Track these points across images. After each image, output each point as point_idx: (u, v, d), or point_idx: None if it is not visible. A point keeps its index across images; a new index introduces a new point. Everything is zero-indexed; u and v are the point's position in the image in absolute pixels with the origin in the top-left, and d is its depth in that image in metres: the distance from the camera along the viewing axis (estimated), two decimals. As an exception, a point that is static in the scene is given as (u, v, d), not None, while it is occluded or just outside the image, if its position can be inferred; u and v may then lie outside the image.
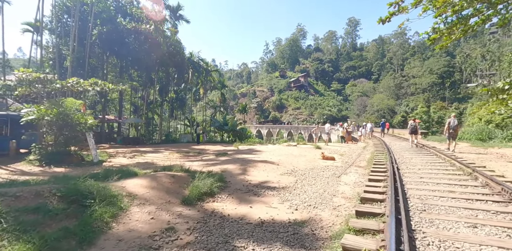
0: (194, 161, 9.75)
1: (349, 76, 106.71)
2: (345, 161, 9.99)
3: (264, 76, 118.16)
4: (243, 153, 12.29)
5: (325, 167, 8.47)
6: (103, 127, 28.51)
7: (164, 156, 12.02)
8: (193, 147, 17.55)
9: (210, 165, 8.38)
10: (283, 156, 10.51)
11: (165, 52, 23.29)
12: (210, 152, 13.78)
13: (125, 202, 4.00)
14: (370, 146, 15.01)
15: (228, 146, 17.84)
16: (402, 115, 67.05)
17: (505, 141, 14.79)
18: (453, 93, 74.55)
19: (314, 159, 10.28)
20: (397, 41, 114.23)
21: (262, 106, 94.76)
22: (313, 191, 5.41)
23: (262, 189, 5.62)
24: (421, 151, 10.84)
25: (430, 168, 6.90)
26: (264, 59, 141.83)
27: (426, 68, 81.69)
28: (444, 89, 74.71)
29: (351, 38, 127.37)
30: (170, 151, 14.74)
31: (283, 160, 9.47)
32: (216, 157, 10.73)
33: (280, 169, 7.79)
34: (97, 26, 21.30)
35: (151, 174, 5.49)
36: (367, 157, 10.82)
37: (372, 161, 8.92)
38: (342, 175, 7.06)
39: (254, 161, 8.88)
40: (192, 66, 29.56)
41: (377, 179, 5.57)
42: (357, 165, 8.72)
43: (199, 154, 12.63)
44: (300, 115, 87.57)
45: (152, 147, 18.00)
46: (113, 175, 5.11)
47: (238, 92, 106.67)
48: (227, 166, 8.01)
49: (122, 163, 9.91)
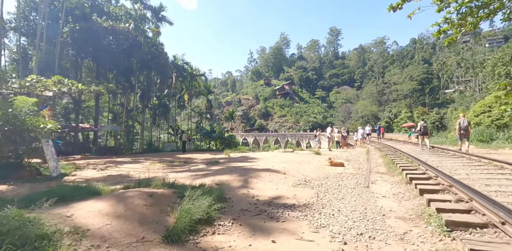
0: (180, 172, 8.02)
1: (332, 83, 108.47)
2: (357, 167, 8.63)
3: (249, 85, 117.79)
4: (237, 160, 10.66)
5: (340, 175, 7.04)
6: (76, 136, 25.87)
7: (143, 167, 10.15)
8: (178, 155, 15.66)
9: (200, 176, 6.71)
10: (285, 163, 9.00)
11: (146, 54, 21.51)
12: (198, 161, 12.02)
13: (65, 247, 2.31)
14: (373, 151, 13.86)
15: (218, 154, 16.11)
16: (386, 121, 68.00)
17: (508, 141, 14.17)
18: (432, 99, 77.01)
19: (321, 166, 8.85)
20: (377, 50, 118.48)
21: (247, 114, 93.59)
22: (350, 209, 3.91)
23: (278, 208, 4.06)
24: (440, 153, 9.69)
25: (480, 172, 5.51)
26: (249, 68, 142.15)
27: (406, 75, 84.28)
28: (424, 95, 77.02)
29: (333, 47, 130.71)
30: (152, 161, 12.83)
31: (288, 167, 7.96)
32: (207, 166, 9.02)
33: (289, 179, 6.26)
34: (69, 23, 19.29)
35: (118, 193, 3.76)
36: (380, 161, 9.54)
37: (392, 166, 7.62)
38: (370, 184, 5.63)
39: (254, 170, 7.30)
40: (176, 70, 27.78)
41: (432, 189, 4.17)
42: (376, 172, 7.36)
43: (185, 163, 10.86)
44: (286, 122, 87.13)
45: (131, 157, 15.93)
46: (73, 194, 3.36)
47: (223, 101, 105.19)
48: (222, 177, 6.38)
49: (89, 176, 7.98)
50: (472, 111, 26.44)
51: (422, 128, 12.94)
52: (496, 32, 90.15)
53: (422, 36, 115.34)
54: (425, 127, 13.11)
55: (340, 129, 19.84)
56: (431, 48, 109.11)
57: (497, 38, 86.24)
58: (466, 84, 74.07)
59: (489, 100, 24.73)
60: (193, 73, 31.03)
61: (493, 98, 24.45)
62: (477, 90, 64.56)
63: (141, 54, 21.11)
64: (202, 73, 32.10)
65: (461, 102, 53.10)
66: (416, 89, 78.23)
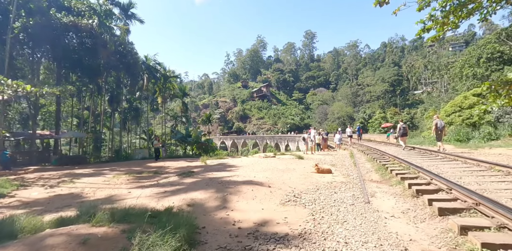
0: (146, 187, 6.79)
1: (309, 85, 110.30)
2: (345, 174, 7.94)
3: (226, 87, 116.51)
4: (214, 169, 9.57)
5: (331, 185, 6.25)
6: (34, 144, 23.13)
7: (104, 181, 8.73)
8: (149, 164, 14.16)
9: (169, 194, 5.58)
10: (268, 172, 8.09)
11: (113, 53, 19.66)
12: (171, 171, 10.74)
13: None
14: (358, 154, 13.39)
15: (194, 161, 14.84)
16: (360, 122, 69.91)
17: (484, 141, 14.42)
18: (403, 99, 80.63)
19: (307, 174, 8.05)
20: (350, 53, 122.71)
21: (225, 117, 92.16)
22: (360, 239, 3.05)
23: (267, 242, 3.09)
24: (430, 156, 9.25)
25: (491, 181, 4.71)
26: (226, 70, 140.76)
27: (378, 77, 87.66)
28: (395, 96, 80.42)
29: (308, 50, 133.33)
30: (117, 172, 11.33)
31: (272, 178, 7.05)
32: (179, 178, 7.84)
33: (275, 194, 5.33)
34: (22, 18, 17.08)
35: (33, 240, 2.56)
36: (368, 166, 8.95)
37: (385, 172, 6.98)
38: (370, 198, 4.86)
39: (234, 183, 6.29)
40: (147, 71, 25.98)
41: (453, 207, 3.42)
42: (369, 180, 6.67)
43: (155, 175, 9.55)
44: (264, 125, 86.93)
45: (95, 168, 14.17)
46: None
47: (200, 104, 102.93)
48: (196, 194, 5.31)
49: (31, 198, 6.49)
50: (444, 111, 27.43)
51: (402, 129, 12.94)
52: (458, 37, 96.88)
53: (391, 40, 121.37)
54: (405, 128, 13.09)
55: (319, 130, 19.37)
56: (400, 52, 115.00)
57: (459, 42, 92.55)
58: (433, 85, 78.61)
59: (459, 100, 25.76)
60: (166, 75, 29.32)
61: (462, 99, 25.50)
62: (443, 91, 68.62)
63: (107, 53, 19.24)
64: (176, 75, 30.46)
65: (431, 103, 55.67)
66: (388, 90, 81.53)
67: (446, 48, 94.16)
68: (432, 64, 78.69)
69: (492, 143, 13.72)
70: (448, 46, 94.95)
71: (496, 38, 27.07)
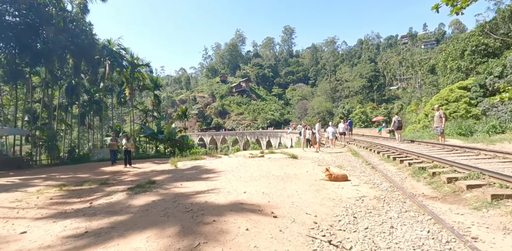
0: (65, 217, 4.04)
1: (288, 81, 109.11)
2: (369, 181, 5.74)
3: (204, 82, 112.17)
4: (185, 177, 6.95)
5: (367, 206, 3.97)
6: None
7: (16, 200, 5.77)
8: (103, 169, 11.13)
9: (88, 243, 2.94)
10: (262, 182, 5.66)
11: (61, 31, 15.94)
12: (126, 179, 7.93)
13: None
14: (361, 150, 11.36)
15: (163, 163, 12.02)
16: (340, 117, 69.85)
17: (488, 134, 13.11)
18: (380, 95, 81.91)
19: (316, 182, 5.75)
20: (328, 49, 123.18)
21: (203, 112, 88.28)
22: None
23: None
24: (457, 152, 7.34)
25: None
26: (204, 65, 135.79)
27: (356, 73, 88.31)
28: (372, 92, 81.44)
29: (287, 45, 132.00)
30: (52, 181, 8.31)
31: (271, 193, 4.63)
32: (128, 197, 5.12)
33: (290, 235, 2.90)
34: None
35: None
36: (392, 169, 6.82)
37: (434, 180, 4.83)
38: (464, 234, 2.59)
39: (213, 209, 3.76)
40: (110, 57, 22.26)
41: None
42: (420, 194, 4.47)
43: (99, 187, 6.72)
44: (244, 120, 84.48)
45: (30, 174, 10.87)
46: None
47: (177, 99, 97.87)
48: (138, 244, 2.73)
49: None
50: (430, 105, 26.72)
51: (397, 122, 12.27)
52: (430, 35, 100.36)
53: (367, 37, 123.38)
54: (400, 121, 12.37)
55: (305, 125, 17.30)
56: (375, 49, 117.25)
57: (430, 40, 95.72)
58: (408, 81, 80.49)
59: (445, 94, 25.02)
60: (134, 63, 25.64)
61: (449, 92, 24.78)
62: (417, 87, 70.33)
63: (52, 31, 15.51)
64: (146, 63, 26.77)
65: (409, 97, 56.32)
66: (366, 86, 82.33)
67: (419, 46, 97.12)
68: (406, 61, 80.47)
69: (498, 136, 12.37)
70: (420, 44, 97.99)
71: (480, 31, 26.62)
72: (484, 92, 21.87)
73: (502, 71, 20.25)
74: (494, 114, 19.82)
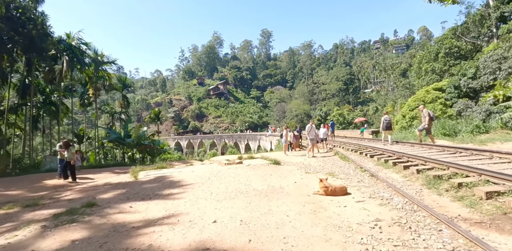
0: None
1: (266, 83, 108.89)
2: (374, 195, 4.55)
3: (181, 84, 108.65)
4: (140, 195, 5.36)
5: (393, 239, 2.74)
6: None
7: None
8: (46, 182, 9.06)
9: None
10: (240, 200, 4.27)
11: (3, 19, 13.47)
12: (64, 198, 6.13)
13: None
14: (349, 154, 10.33)
15: (123, 172, 10.18)
16: (318, 119, 70.28)
17: (472, 134, 12.76)
18: (355, 97, 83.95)
19: (309, 198, 4.47)
20: (305, 53, 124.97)
21: (180, 116, 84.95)
22: None
23: None
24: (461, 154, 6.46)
25: None
26: (180, 67, 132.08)
27: (333, 76, 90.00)
28: (348, 94, 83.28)
29: (265, 49, 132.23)
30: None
31: (254, 223, 3.25)
32: (35, 236, 3.43)
33: None
34: None
35: None
36: (396, 177, 5.71)
37: (464, 194, 3.73)
38: None
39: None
40: (69, 53, 19.71)
41: None
42: (458, 218, 3.31)
43: (18, 213, 4.91)
44: (222, 123, 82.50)
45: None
46: None
47: (152, 102, 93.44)
48: None
49: None
50: (407, 106, 26.89)
51: (386, 122, 11.19)
52: (400, 41, 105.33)
53: (342, 41, 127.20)
54: (389, 121, 11.31)
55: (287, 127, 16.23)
56: (350, 53, 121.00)
57: (401, 46, 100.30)
58: (381, 84, 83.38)
59: (421, 95, 25.29)
60: (98, 60, 23.11)
61: (425, 93, 25.07)
62: (390, 90, 72.91)
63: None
64: (112, 61, 24.22)
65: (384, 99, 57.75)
66: (342, 89, 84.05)
67: (390, 51, 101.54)
68: (379, 65, 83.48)
69: (484, 136, 12.01)
70: (392, 49, 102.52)
71: (452, 34, 27.44)
72: (459, 93, 22.16)
73: (476, 72, 20.61)
74: (469, 115, 20.01)
